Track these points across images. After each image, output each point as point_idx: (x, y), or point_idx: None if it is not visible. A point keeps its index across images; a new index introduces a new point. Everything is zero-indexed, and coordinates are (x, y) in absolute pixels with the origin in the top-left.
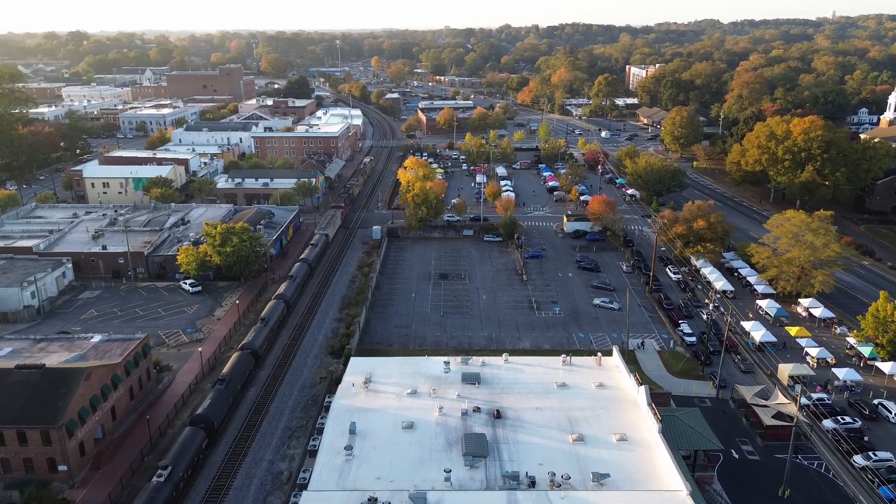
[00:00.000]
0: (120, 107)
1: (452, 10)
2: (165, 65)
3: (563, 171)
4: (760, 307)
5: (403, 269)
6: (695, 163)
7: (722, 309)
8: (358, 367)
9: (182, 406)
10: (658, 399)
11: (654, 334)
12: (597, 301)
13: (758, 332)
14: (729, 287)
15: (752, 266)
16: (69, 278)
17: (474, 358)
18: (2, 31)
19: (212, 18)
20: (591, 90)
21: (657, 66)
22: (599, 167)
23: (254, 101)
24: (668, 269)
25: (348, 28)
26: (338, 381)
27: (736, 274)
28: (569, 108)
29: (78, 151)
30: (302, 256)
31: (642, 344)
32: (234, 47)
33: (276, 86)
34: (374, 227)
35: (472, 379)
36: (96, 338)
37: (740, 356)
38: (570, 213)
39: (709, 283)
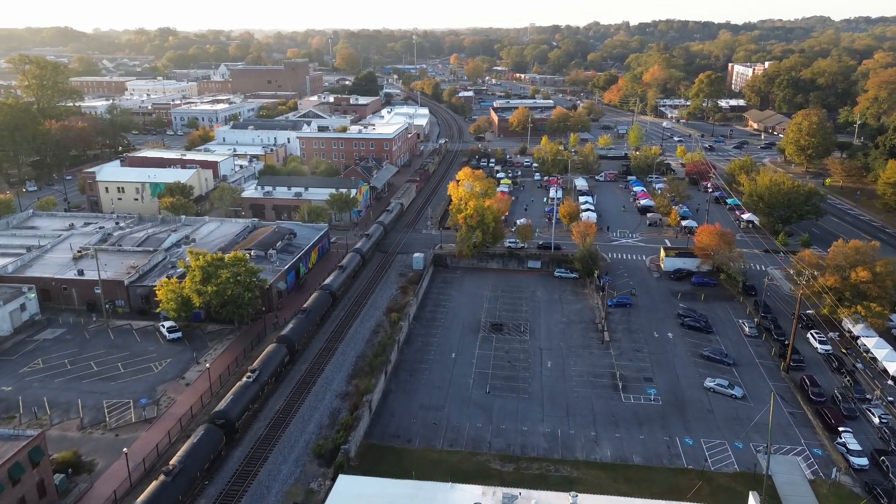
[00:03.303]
0: (178, 101)
1: (539, 8)
2: (243, 61)
3: (658, 186)
4: None
5: (446, 315)
6: (827, 180)
7: None
8: (346, 494)
9: None
10: None
11: (799, 447)
12: (710, 383)
13: None
14: None
15: None
16: (31, 311)
17: (523, 496)
18: (104, 28)
19: (302, 17)
20: (690, 90)
21: (767, 63)
22: (708, 184)
23: (315, 98)
24: (810, 336)
25: (433, 27)
26: None
27: None
28: (663, 109)
29: (120, 149)
30: (283, 333)
31: (767, 450)
32: (316, 44)
33: (346, 82)
34: (416, 255)
35: None
36: None
37: None
38: (668, 243)
39: (874, 360)
